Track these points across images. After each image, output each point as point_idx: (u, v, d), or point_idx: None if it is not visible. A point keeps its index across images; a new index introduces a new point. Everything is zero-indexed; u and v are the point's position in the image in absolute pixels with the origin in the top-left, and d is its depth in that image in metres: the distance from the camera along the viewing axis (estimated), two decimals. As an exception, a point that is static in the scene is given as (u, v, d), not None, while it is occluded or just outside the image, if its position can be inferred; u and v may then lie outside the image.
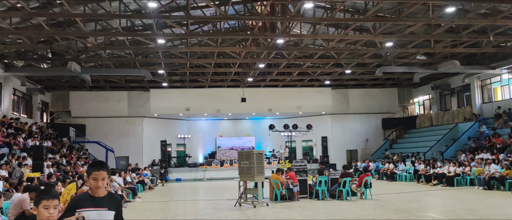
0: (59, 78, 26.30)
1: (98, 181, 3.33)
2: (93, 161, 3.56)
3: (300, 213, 11.44)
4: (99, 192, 3.33)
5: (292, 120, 29.50)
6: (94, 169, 3.35)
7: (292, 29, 18.76)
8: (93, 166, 3.40)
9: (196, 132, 33.66)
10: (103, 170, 3.38)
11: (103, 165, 3.41)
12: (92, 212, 3.23)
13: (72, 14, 14.93)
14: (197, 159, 32.53)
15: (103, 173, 3.36)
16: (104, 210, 3.29)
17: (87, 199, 3.30)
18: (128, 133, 29.46)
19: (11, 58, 20.49)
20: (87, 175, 3.42)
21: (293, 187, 14.17)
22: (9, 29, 16.09)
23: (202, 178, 27.20)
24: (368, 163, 26.75)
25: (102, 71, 22.93)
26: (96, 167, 3.36)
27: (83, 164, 23.24)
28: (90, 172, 3.36)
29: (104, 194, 3.37)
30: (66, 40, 19.35)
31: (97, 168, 3.36)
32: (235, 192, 14.29)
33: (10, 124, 20.70)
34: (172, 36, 19.79)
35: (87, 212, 3.19)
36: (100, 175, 3.34)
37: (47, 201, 2.83)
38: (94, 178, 3.33)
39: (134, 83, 28.49)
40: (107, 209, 3.31)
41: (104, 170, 3.39)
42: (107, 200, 3.36)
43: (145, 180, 21.11)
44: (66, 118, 29.11)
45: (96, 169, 3.35)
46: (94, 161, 3.55)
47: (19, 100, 24.80)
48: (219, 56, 23.26)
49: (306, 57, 23.32)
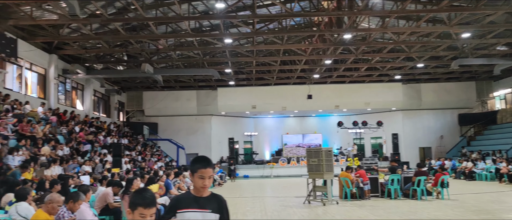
0: (134, 79, 27.82)
1: (205, 179, 2.97)
2: (197, 157, 3.09)
3: (372, 212, 11.09)
4: (203, 192, 2.99)
5: (360, 117, 28.70)
6: (200, 166, 2.97)
7: (359, 23, 18.26)
8: (198, 162, 3.01)
9: (263, 129, 33.96)
10: (210, 167, 3.01)
11: (209, 162, 3.04)
12: (196, 213, 2.92)
13: (145, 18, 15.72)
14: (263, 156, 32.81)
15: (210, 171, 3.00)
16: (208, 212, 2.95)
17: (190, 199, 2.98)
18: (197, 131, 30.43)
19: (91, 61, 22.03)
20: (191, 172, 3.02)
21: (363, 185, 13.79)
22: (90, 35, 17.32)
23: (269, 175, 27.38)
24: (443, 161, 25.31)
25: (173, 71, 23.89)
26: (203, 164, 2.99)
27: (156, 160, 24.41)
28: (195, 169, 2.98)
29: (208, 194, 3.02)
30: (140, 43, 20.42)
31: (203, 164, 2.99)
32: (303, 190, 14.19)
33: (91, 122, 22.24)
34: (239, 35, 20.10)
35: (190, 213, 2.91)
36: (207, 172, 2.98)
37: (145, 209, 2.60)
38: (200, 176, 2.97)
39: (202, 83, 29.35)
40: (211, 211, 2.96)
41: (210, 167, 3.02)
42: (211, 201, 3.00)
43: (215, 177, 21.67)
44: (140, 117, 30.71)
45: (203, 166, 2.98)
46: (198, 157, 3.08)
47: (99, 101, 26.59)
48: (284, 53, 23.24)
49: (374, 52, 22.59)
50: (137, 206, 2.61)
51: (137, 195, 2.68)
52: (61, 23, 16.17)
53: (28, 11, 15.37)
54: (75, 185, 10.70)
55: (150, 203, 2.63)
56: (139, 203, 2.61)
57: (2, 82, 15.89)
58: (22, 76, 18.03)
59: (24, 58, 17.45)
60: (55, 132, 16.68)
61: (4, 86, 16.06)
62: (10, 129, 13.61)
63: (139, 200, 2.62)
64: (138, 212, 2.60)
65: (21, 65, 17.62)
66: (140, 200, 2.62)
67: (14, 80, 17.41)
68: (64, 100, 21.66)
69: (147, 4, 16.21)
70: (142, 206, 2.59)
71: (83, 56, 21.24)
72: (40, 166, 11.58)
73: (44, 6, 15.20)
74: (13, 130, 13.94)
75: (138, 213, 2.60)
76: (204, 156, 3.12)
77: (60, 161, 13.10)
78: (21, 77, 17.96)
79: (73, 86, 22.91)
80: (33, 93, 18.85)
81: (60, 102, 20.73)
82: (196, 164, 2.98)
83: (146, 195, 2.66)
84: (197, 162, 2.99)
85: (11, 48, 15.61)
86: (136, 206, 2.60)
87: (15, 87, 17.27)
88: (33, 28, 17.03)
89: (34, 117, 15.93)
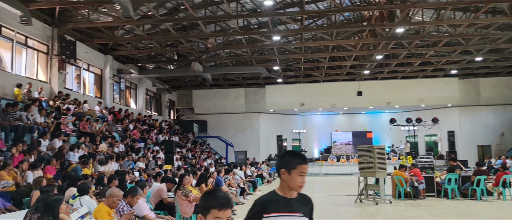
0: (184, 78, 28.47)
1: (304, 177, 2.53)
2: (290, 151, 2.65)
3: (428, 212, 10.64)
4: (295, 192, 2.56)
5: (413, 114, 27.74)
6: (300, 161, 2.53)
7: (413, 16, 17.57)
8: (296, 156, 2.56)
9: (311, 126, 33.66)
10: (307, 163, 2.58)
11: (305, 157, 2.60)
12: (288, 218, 2.49)
13: (195, 17, 16.02)
14: (312, 154, 32.53)
15: (307, 167, 2.57)
16: (300, 216, 2.51)
17: (279, 201, 2.52)
18: (246, 128, 30.66)
19: (143, 61, 22.78)
20: (286, 169, 2.52)
21: (418, 184, 13.28)
22: (142, 36, 17.90)
23: (318, 173, 27.06)
24: (504, 159, 23.83)
25: (221, 69, 24.19)
26: (302, 159, 2.55)
27: (205, 157, 24.86)
28: (294, 165, 2.51)
29: (296, 195, 2.57)
30: (190, 42, 20.85)
31: (303, 159, 2.55)
32: (354, 188, 13.87)
33: (144, 120, 23.01)
34: (287, 33, 20.01)
35: (280, 218, 2.48)
36: (306, 169, 2.55)
37: (220, 211, 2.28)
38: (301, 173, 2.51)
39: (250, 80, 29.53)
40: (302, 214, 2.53)
41: (307, 163, 2.58)
42: (302, 203, 2.57)
43: (263, 174, 21.73)
44: (190, 115, 31.39)
45: (303, 161, 2.53)
46: (292, 151, 2.62)
47: (151, 100, 27.48)
48: (333, 49, 22.86)
49: (429, 46, 21.69)
50: (210, 208, 2.29)
51: (208, 197, 2.35)
52: (116, 25, 16.82)
53: (85, 15, 16.14)
54: (131, 181, 11.09)
55: (225, 203, 2.31)
56: (212, 205, 2.29)
57: (63, 82, 16.78)
58: (80, 76, 18.97)
59: (82, 60, 18.33)
60: (111, 129, 17.40)
61: (64, 87, 16.97)
62: (71, 126, 14.34)
63: (212, 201, 2.30)
64: (212, 215, 2.28)
65: (80, 66, 18.54)
66: (213, 201, 2.30)
67: (73, 80, 18.37)
68: (119, 99, 22.58)
69: (197, 4, 16.50)
70: (216, 208, 2.28)
71: (136, 56, 22.02)
72: (99, 163, 12.11)
73: (100, 9, 15.89)
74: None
75: (212, 216, 2.28)
76: (297, 150, 2.79)
77: (116, 158, 13.64)
78: (79, 77, 18.90)
79: (127, 85, 23.83)
80: (90, 93, 19.79)
81: (115, 101, 21.63)
82: (294, 159, 2.52)
83: (219, 195, 2.34)
84: (296, 157, 2.54)
85: (70, 50, 16.49)
86: (208, 209, 2.29)
87: (74, 87, 18.22)
88: (90, 30, 17.86)
89: (92, 115, 16.70)
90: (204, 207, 2.31)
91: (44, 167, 9.89)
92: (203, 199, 2.36)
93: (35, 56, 15.82)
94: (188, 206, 7.99)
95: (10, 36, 14.30)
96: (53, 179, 9.26)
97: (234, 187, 13.61)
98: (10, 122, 11.14)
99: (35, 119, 12.37)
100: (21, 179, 8.84)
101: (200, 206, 2.35)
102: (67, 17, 16.35)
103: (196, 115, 31.10)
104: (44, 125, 12.56)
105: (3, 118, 11.01)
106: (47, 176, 9.22)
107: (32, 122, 12.18)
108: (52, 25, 15.95)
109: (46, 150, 11.61)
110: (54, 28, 15.99)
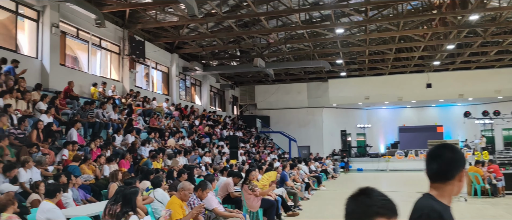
0: (246, 74, 28.79)
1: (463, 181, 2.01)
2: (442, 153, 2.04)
3: (508, 211, 9.94)
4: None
5: (488, 106, 25.89)
6: (464, 165, 2.00)
7: (489, 2, 16.35)
8: (461, 159, 2.00)
9: (377, 121, 32.62)
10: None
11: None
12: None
13: (257, 13, 16.11)
14: (378, 149, 31.52)
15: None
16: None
17: (448, 210, 2.01)
18: (309, 123, 30.40)
19: (207, 58, 23.34)
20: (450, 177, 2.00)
21: (497, 181, 12.40)
22: (206, 33, 18.34)
23: (384, 168, 26.21)
24: None
25: (283, 64, 24.15)
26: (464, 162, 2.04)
27: (269, 152, 24.99)
28: (460, 168, 1.99)
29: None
30: (252, 38, 21.02)
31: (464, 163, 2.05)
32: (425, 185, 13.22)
33: (209, 116, 23.60)
34: (350, 25, 19.48)
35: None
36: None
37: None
38: (461, 179, 2.00)
39: (312, 75, 29.19)
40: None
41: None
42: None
43: (328, 169, 21.43)
44: (253, 110, 31.72)
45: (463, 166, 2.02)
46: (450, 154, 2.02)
47: (215, 96, 28.12)
48: (400, 40, 21.92)
49: (506, 33, 20.09)
50: (376, 215, 1.60)
51: (369, 200, 1.64)
52: (181, 24, 17.36)
53: (153, 15, 16.83)
54: (198, 175, 11.42)
55: (393, 210, 1.67)
56: (380, 213, 1.62)
57: (134, 81, 17.66)
58: (149, 75, 19.84)
59: (151, 59, 19.15)
60: (178, 125, 18.03)
61: (135, 85, 17.84)
62: (141, 123, 15.05)
63: (381, 208, 1.63)
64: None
65: (148, 65, 19.39)
66: (384, 209, 1.63)
67: (142, 79, 19.27)
68: (185, 96, 23.34)
69: (258, 0, 16.57)
70: (384, 216, 1.62)
71: (200, 54, 22.61)
72: (168, 157, 12.59)
73: (167, 10, 16.48)
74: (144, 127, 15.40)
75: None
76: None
77: (184, 152, 14.10)
78: (148, 76, 19.78)
79: (192, 82, 24.56)
80: (158, 90, 20.64)
81: (181, 98, 22.39)
82: (463, 158, 2.01)
83: (384, 198, 1.67)
84: (459, 160, 1.98)
85: (140, 50, 17.30)
86: (373, 216, 1.61)
87: (143, 85, 19.12)
88: (157, 30, 18.60)
89: (160, 112, 17.41)
90: (365, 213, 1.62)
91: (119, 161, 10.49)
92: (363, 201, 1.65)
93: (108, 56, 16.80)
94: (255, 200, 8.06)
95: (86, 39, 15.31)
96: (128, 172, 9.79)
97: (299, 182, 13.55)
98: (88, 118, 11.90)
99: (110, 116, 13.15)
100: (99, 172, 9.44)
101: (361, 212, 1.63)
102: (136, 19, 17.15)
103: (259, 110, 31.36)
104: (118, 122, 13.29)
105: (82, 115, 11.80)
106: (122, 170, 9.74)
107: (107, 118, 12.95)
108: (123, 26, 16.82)
109: (120, 145, 12.30)
110: (124, 29, 16.86)
